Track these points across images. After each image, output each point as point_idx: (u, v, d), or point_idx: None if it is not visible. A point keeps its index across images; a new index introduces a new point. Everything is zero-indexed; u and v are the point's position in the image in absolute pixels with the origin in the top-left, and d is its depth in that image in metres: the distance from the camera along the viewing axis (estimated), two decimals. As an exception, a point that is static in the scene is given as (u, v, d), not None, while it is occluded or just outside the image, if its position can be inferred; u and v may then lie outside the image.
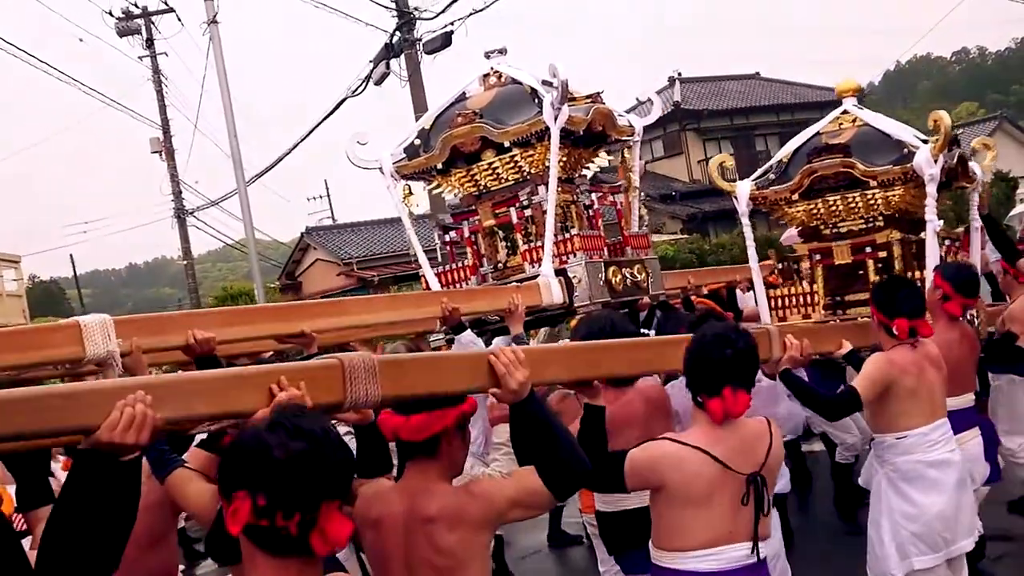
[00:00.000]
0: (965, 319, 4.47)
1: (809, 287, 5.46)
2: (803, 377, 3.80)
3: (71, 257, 45.17)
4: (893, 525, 3.73)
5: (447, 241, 5.68)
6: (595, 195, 5.54)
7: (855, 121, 5.38)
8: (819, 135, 5.44)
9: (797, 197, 5.36)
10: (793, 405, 4.25)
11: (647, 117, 5.93)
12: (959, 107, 60.56)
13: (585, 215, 5.54)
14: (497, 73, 5.58)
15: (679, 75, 36.43)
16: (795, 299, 5.45)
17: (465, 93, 5.63)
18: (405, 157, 5.57)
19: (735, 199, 5.44)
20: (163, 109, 25.77)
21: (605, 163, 5.87)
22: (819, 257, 5.50)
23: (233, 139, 13.38)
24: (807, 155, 5.26)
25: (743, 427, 2.85)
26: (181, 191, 25.75)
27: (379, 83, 15.90)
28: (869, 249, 5.33)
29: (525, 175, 5.32)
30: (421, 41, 15.55)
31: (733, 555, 2.77)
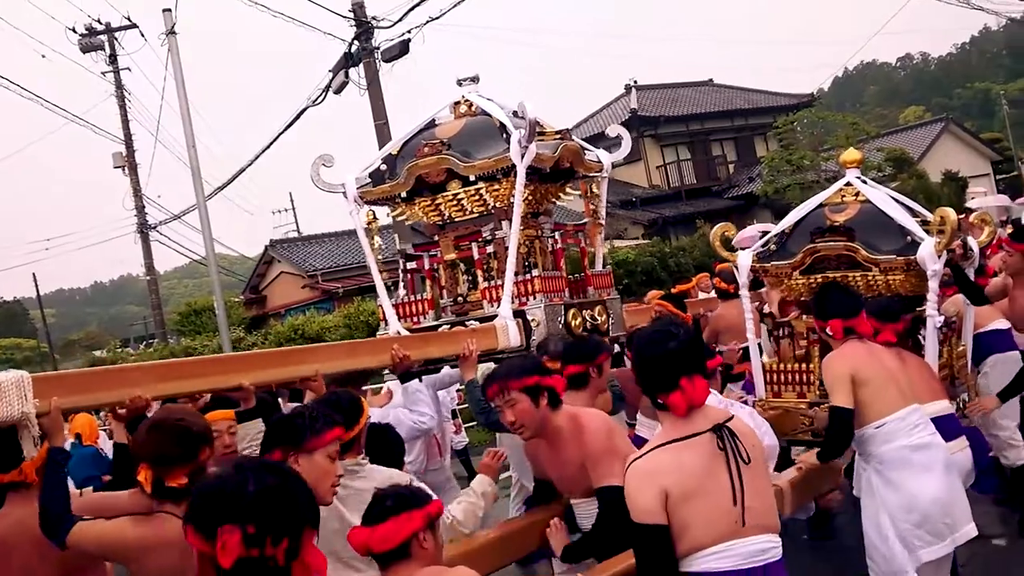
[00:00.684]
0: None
1: (806, 364, 5.30)
2: None
3: (33, 276, 44.69)
4: (892, 520, 3.73)
5: (408, 270, 5.59)
6: (558, 233, 5.46)
7: (858, 195, 5.20)
8: (822, 207, 5.25)
9: (798, 273, 5.22)
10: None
11: (616, 153, 5.84)
12: (906, 111, 62.13)
13: (549, 252, 5.46)
14: (468, 102, 5.47)
15: (635, 83, 37.39)
16: (791, 376, 5.30)
17: (435, 120, 5.53)
18: (370, 183, 5.47)
19: (735, 269, 5.33)
20: (126, 124, 25.94)
21: (572, 198, 5.78)
22: (816, 336, 5.16)
23: (192, 150, 13.29)
24: (811, 233, 5.10)
25: (710, 412, 2.82)
26: (144, 206, 25.94)
27: (338, 92, 16.12)
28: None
29: (490, 209, 5.24)
30: (379, 49, 15.63)
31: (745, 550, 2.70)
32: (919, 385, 4.13)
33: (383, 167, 5.44)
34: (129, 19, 25.33)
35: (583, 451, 3.52)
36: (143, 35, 23.80)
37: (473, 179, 5.13)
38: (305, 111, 17.41)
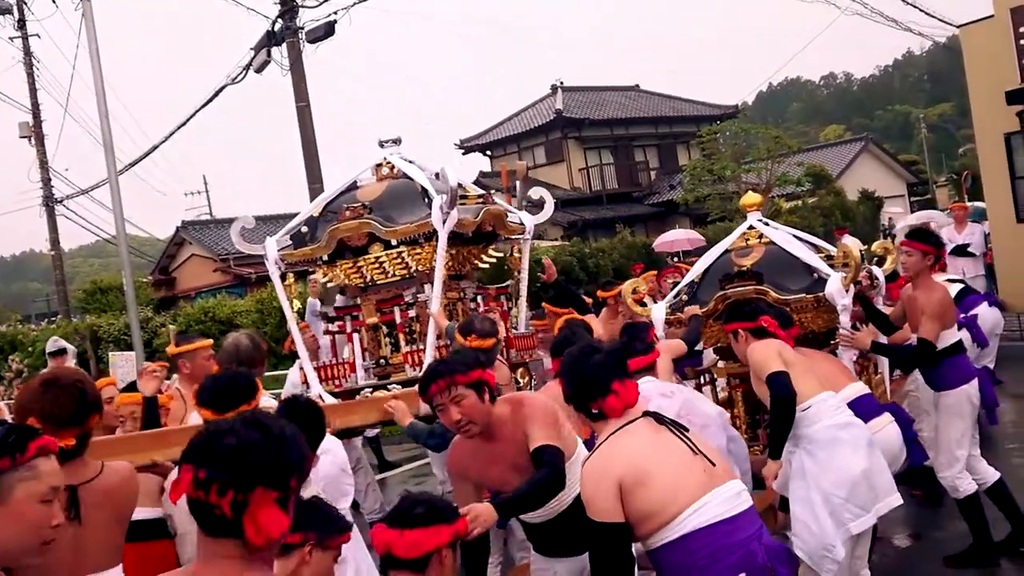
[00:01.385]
0: None
1: (730, 409, 5.29)
2: None
3: (-70, 249, 42.60)
4: (824, 496, 3.83)
5: (330, 332, 5.57)
6: (480, 296, 5.52)
7: (762, 237, 5.30)
8: (728, 252, 5.34)
9: (712, 321, 5.21)
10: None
11: (539, 216, 5.93)
12: (827, 129, 63.68)
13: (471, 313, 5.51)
14: (390, 165, 5.50)
15: (561, 84, 37.22)
16: None
17: (357, 182, 5.54)
18: (291, 245, 5.44)
19: (651, 321, 5.27)
20: (33, 92, 24.97)
21: (494, 259, 5.84)
22: (738, 381, 5.33)
23: (104, 121, 12.53)
24: (719, 280, 5.14)
25: (640, 406, 2.96)
26: (51, 178, 24.92)
27: (260, 71, 15.70)
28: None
29: (412, 272, 5.27)
30: (304, 29, 15.34)
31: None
32: (830, 374, 4.36)
33: (304, 229, 5.43)
34: (40, -18, 24.26)
35: (523, 422, 3.28)
36: (55, 1, 22.87)
37: (395, 243, 5.16)
38: (223, 89, 16.93)
